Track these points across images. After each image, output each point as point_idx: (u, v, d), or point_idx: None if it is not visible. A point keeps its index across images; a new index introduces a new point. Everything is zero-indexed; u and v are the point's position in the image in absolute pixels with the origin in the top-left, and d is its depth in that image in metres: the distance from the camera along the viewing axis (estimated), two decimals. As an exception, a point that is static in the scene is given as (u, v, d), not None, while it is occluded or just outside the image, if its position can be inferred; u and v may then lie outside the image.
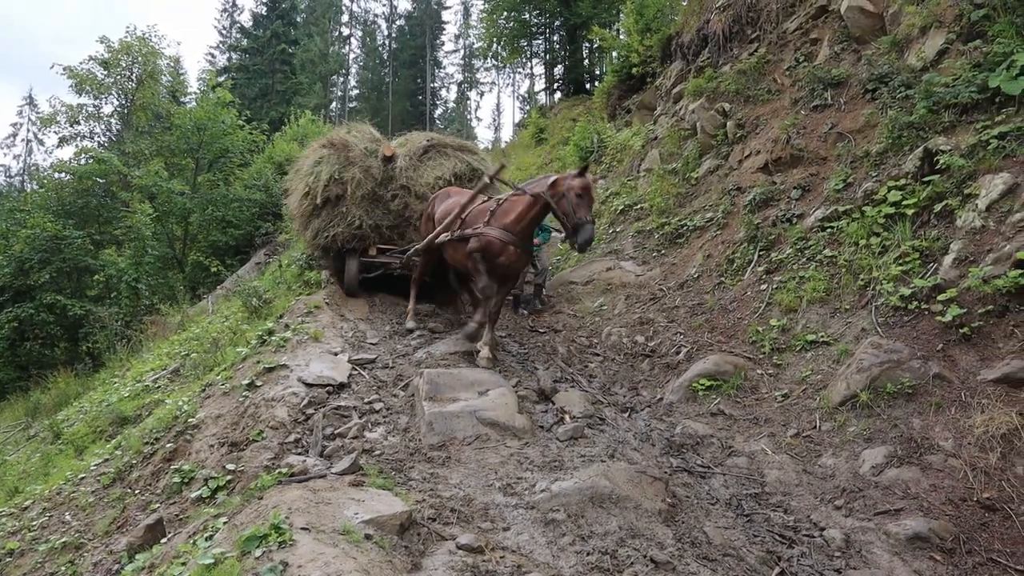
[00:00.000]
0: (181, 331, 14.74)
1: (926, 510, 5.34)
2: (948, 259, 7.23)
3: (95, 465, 7.89)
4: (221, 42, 54.06)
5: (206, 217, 23.97)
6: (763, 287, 9.05)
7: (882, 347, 6.75)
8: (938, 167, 8.07)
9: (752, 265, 9.71)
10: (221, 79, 33.02)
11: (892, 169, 8.77)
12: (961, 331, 6.56)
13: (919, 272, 7.41)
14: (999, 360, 6.21)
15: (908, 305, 7.14)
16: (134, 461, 7.45)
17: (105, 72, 27.48)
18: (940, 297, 6.93)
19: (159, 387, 10.71)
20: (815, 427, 6.67)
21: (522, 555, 4.48)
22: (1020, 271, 6.46)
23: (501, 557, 4.40)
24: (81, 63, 27.98)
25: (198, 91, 27.86)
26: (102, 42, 27.06)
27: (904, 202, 8.14)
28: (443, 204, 9.41)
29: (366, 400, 7.08)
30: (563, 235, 8.30)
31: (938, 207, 7.78)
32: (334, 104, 64.65)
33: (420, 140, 11.43)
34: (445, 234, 8.89)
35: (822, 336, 7.64)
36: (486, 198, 8.94)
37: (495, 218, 8.31)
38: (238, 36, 51.84)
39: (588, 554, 4.53)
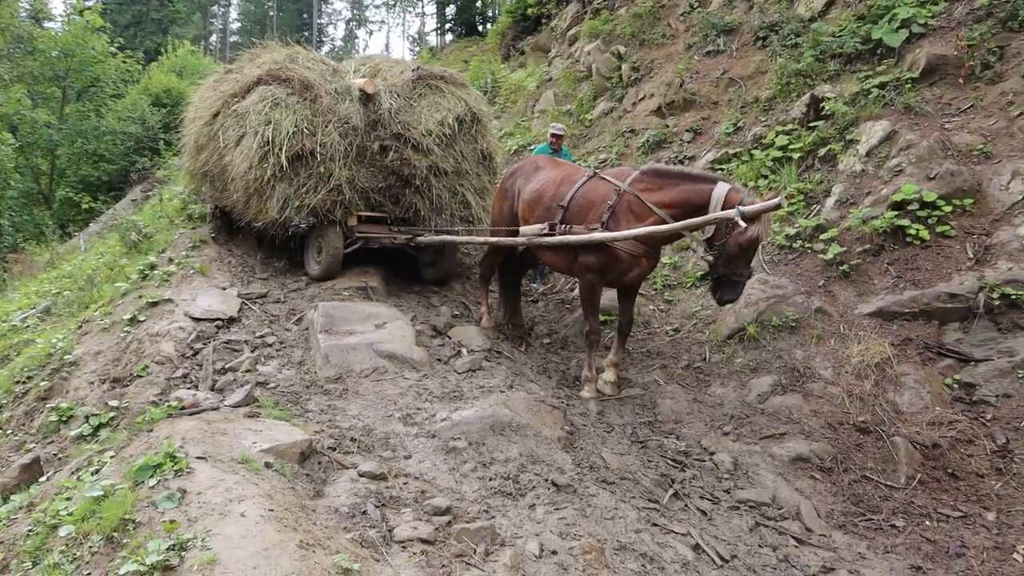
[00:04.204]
0: (51, 269, 13.85)
1: (807, 433, 5.67)
2: (830, 201, 7.59)
3: (-40, 409, 7.35)
4: (89, -38, 49.97)
5: (75, 150, 22.29)
6: (656, 227, 9.23)
7: (769, 283, 7.04)
8: (823, 113, 8.42)
9: (645, 206, 9.90)
10: (90, 3, 30.60)
11: (780, 114, 9.08)
12: (841, 268, 6.93)
13: (803, 213, 7.74)
14: (874, 295, 6.61)
15: (793, 244, 7.47)
16: (4, 401, 6.97)
17: (-50, -14, 24.99)
18: (822, 236, 7.28)
19: (28, 327, 10.05)
20: (705, 359, 6.92)
21: (425, 481, 4.47)
22: (895, 213, 6.87)
23: (404, 483, 4.38)
24: (-82, -26, 25.36)
25: (64, 15, 25.67)
26: (-56, -48, 24.56)
27: (791, 146, 8.46)
28: (533, 181, 7.10)
29: (258, 334, 6.84)
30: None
31: (822, 151, 8.12)
32: (214, 37, 61.39)
33: (400, 70, 8.75)
34: (535, 229, 6.71)
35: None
36: (587, 175, 6.68)
37: (619, 217, 6.12)
38: (109, -44, 48.04)
39: (490, 479, 4.57)
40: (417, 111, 8.19)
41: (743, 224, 5.28)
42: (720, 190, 5.57)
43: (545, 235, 6.58)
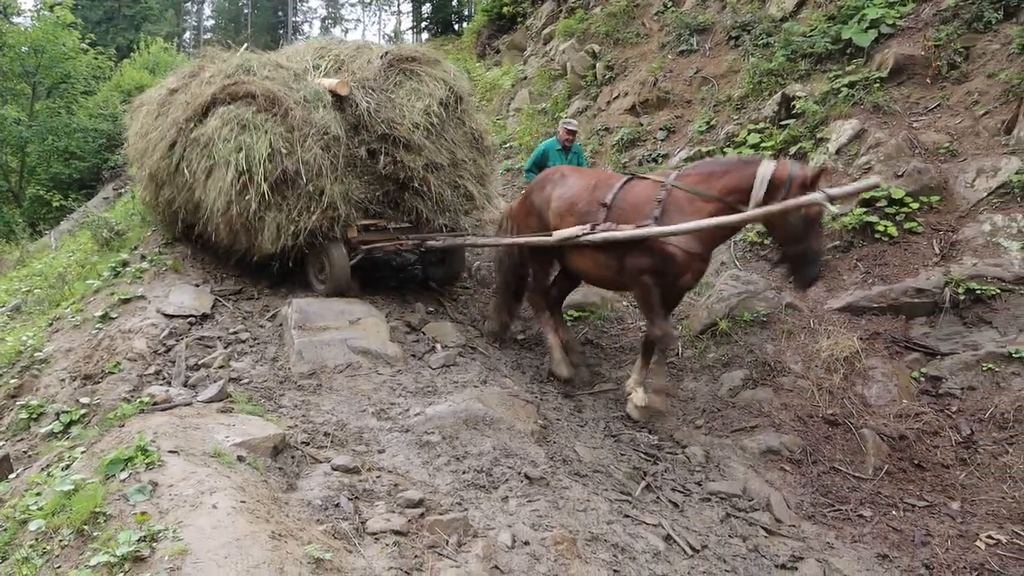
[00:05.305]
0: (21, 267, 13.68)
1: (778, 426, 5.75)
2: (801, 198, 7.68)
3: (-73, 408, 7.24)
4: (59, -43, 49.20)
5: (46, 148, 21.93)
6: (629, 224, 9.29)
7: (740, 279, 7.13)
8: (794, 112, 8.52)
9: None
10: (60, -2, 30.17)
11: (752, 113, 9.18)
12: (811, 264, 7.02)
13: (775, 210, 7.83)
14: (844, 291, 6.72)
15: (764, 240, 7.56)
16: (-28, 400, 6.89)
17: (-85, -21, 24.54)
18: (793, 233, 7.36)
19: (-3, 325, 9.93)
20: (678, 354, 6.98)
21: (399, 475, 4.48)
22: (864, 210, 6.98)
23: (378, 477, 4.38)
24: None
25: (34, 10, 25.26)
26: (-92, -56, 24.10)
27: (763, 144, 8.56)
28: (560, 189, 6.51)
29: (231, 330, 6.80)
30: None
31: (793, 149, 8.23)
32: (187, 34, 60.75)
33: (367, 58, 7.87)
34: (575, 231, 6.02)
35: (684, 270, 7.95)
36: (625, 178, 6.17)
37: (671, 213, 5.53)
38: (78, -49, 47.33)
39: (464, 472, 4.58)
40: (397, 104, 7.36)
41: (833, 209, 4.90)
42: (765, 169, 5.14)
43: (586, 234, 5.90)
